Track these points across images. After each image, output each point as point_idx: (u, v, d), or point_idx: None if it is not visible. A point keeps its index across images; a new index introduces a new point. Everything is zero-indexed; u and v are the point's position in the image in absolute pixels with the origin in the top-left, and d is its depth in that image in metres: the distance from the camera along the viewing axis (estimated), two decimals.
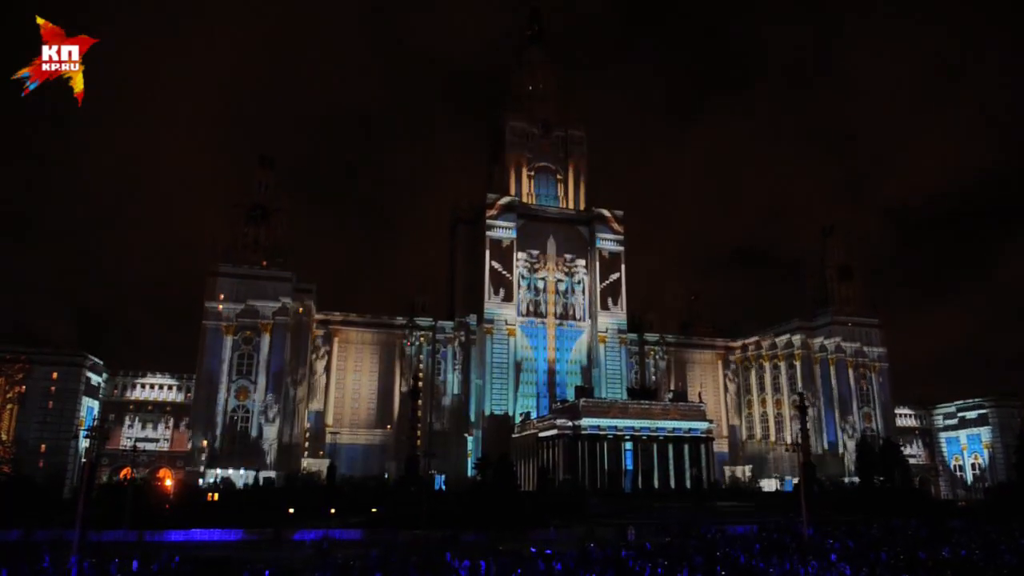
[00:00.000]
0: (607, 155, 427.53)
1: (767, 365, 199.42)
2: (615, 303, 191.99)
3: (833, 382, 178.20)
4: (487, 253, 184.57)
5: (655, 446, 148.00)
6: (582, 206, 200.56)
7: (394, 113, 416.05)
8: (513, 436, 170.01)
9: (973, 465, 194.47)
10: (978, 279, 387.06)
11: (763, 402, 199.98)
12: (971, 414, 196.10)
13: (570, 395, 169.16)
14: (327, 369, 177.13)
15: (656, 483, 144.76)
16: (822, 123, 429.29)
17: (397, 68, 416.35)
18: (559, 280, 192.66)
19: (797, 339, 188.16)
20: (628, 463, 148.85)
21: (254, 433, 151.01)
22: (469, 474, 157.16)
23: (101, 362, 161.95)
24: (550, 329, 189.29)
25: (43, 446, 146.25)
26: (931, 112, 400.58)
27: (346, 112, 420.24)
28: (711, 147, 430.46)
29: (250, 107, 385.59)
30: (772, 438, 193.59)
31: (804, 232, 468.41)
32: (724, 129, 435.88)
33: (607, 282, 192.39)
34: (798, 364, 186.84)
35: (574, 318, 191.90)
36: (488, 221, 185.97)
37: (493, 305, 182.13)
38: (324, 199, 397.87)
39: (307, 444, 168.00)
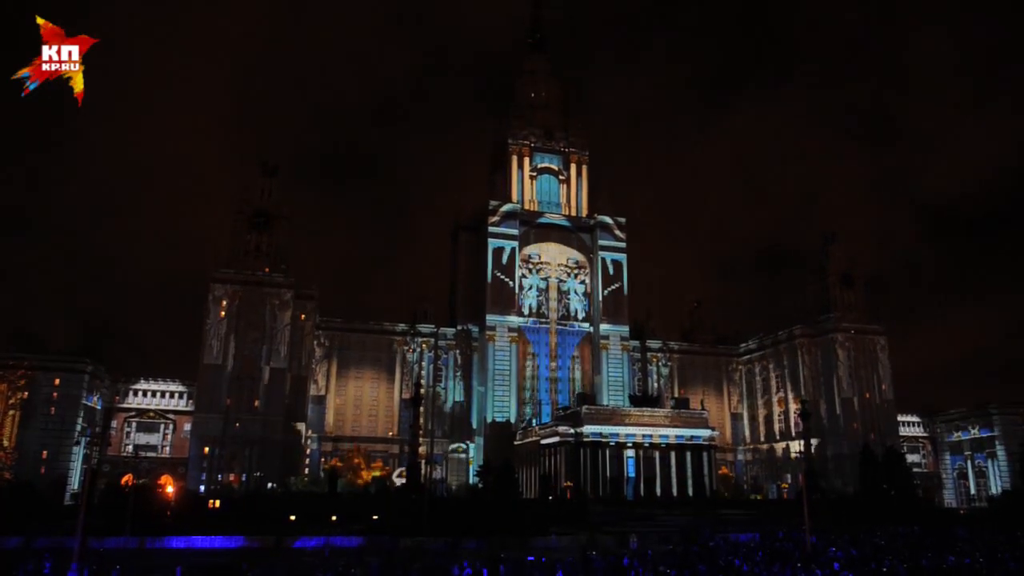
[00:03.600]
0: (616, 156, 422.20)
1: (770, 372, 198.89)
2: (618, 309, 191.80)
3: (836, 389, 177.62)
4: (489, 260, 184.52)
5: (657, 454, 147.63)
6: (585, 212, 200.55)
7: (399, 118, 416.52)
8: (515, 443, 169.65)
9: (977, 473, 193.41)
10: (1005, 284, 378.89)
11: (766, 409, 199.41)
12: (976, 422, 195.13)
13: (572, 402, 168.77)
14: (328, 375, 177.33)
15: (658, 491, 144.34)
16: (856, 119, 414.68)
17: (401, 72, 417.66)
18: (561, 281, 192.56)
19: (800, 346, 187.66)
20: (630, 470, 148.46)
21: (256, 440, 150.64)
22: (471, 481, 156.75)
23: (103, 368, 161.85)
24: (552, 332, 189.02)
25: (44, 452, 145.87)
26: (976, 105, 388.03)
27: (351, 114, 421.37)
28: (734, 145, 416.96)
29: (255, 110, 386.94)
30: (775, 445, 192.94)
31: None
32: (750, 126, 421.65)
33: (610, 288, 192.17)
34: (801, 371, 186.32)
35: (576, 319, 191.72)
36: (490, 228, 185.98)
37: (495, 312, 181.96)
38: (327, 202, 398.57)
39: (308, 451, 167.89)
